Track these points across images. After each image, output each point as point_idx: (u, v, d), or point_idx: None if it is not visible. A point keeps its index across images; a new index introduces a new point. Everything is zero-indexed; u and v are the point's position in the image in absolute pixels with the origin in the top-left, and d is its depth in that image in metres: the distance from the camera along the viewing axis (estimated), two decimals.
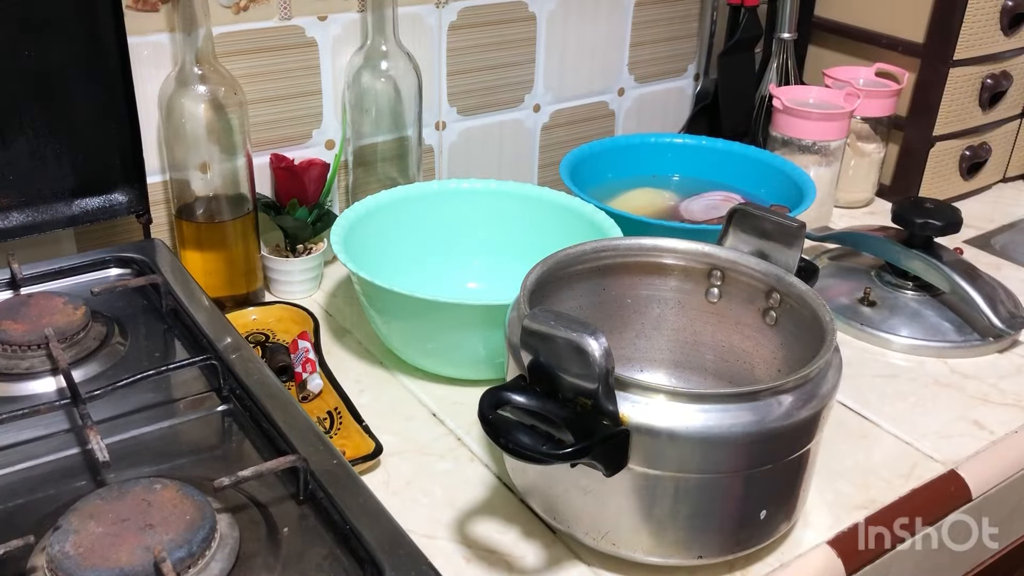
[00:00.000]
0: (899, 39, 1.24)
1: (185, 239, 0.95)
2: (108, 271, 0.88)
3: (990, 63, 1.24)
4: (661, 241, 0.79)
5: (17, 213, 0.89)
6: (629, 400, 0.60)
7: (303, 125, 1.05)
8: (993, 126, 1.31)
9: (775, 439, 0.63)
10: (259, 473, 0.60)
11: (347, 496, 0.60)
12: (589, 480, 0.63)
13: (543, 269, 0.74)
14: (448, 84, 1.14)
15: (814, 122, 1.15)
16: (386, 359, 0.91)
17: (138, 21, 0.91)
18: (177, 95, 0.89)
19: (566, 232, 0.92)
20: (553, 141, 1.26)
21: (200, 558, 0.54)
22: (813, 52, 1.35)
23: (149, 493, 0.58)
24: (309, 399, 0.84)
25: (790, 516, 0.70)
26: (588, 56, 1.24)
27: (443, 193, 1.01)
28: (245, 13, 0.97)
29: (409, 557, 0.55)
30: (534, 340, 0.61)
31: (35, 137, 0.87)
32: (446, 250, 1.01)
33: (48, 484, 0.64)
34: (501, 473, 0.76)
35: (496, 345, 0.81)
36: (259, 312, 0.96)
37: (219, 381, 0.72)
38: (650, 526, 0.65)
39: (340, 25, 1.03)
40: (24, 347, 0.74)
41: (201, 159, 0.92)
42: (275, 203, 1.02)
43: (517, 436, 0.59)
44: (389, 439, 0.78)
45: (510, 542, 0.70)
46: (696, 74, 1.37)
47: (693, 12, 1.32)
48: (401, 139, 1.05)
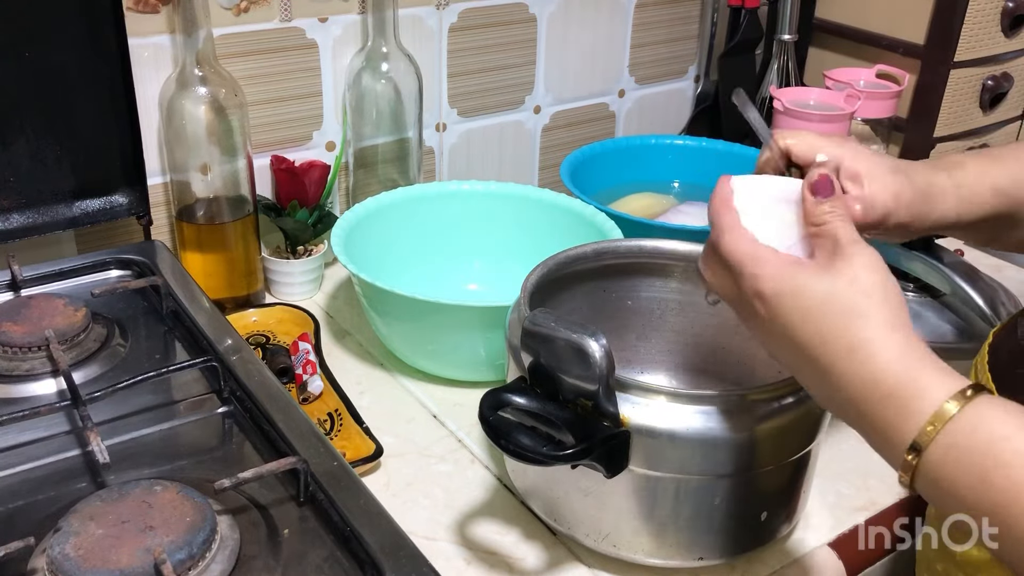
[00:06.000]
0: (900, 40, 1.24)
1: (185, 241, 0.95)
2: (108, 273, 0.88)
3: (991, 65, 1.24)
4: (662, 243, 0.79)
5: (18, 215, 0.89)
6: (630, 401, 0.60)
7: (304, 127, 1.05)
8: (994, 128, 1.30)
9: (775, 441, 0.63)
10: (259, 475, 0.60)
11: (348, 498, 0.60)
12: (590, 482, 0.63)
13: (543, 271, 0.74)
14: (448, 86, 1.14)
15: (815, 124, 1.15)
16: (387, 361, 0.91)
17: (139, 23, 0.91)
18: (178, 97, 0.90)
19: (566, 234, 0.92)
20: (553, 143, 1.26)
21: (200, 560, 0.54)
22: (814, 53, 1.35)
23: (149, 495, 0.58)
24: (309, 401, 0.84)
25: (791, 518, 0.69)
26: (589, 58, 1.24)
27: (444, 195, 1.01)
28: (246, 15, 0.97)
29: (410, 559, 0.55)
30: (535, 342, 0.61)
31: (36, 139, 0.87)
32: (447, 252, 1.01)
33: (48, 486, 0.64)
34: (502, 475, 0.76)
35: (496, 347, 0.81)
36: (259, 314, 0.96)
37: (219, 383, 0.72)
38: (651, 528, 0.64)
39: (341, 27, 1.03)
40: (24, 349, 0.74)
41: (201, 161, 0.92)
42: (276, 205, 1.02)
43: (518, 437, 0.59)
44: (389, 441, 0.78)
45: (510, 544, 0.70)
46: (697, 76, 1.37)
47: (694, 14, 1.32)
48: (402, 141, 1.05)
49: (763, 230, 0.55)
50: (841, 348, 0.49)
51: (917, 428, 0.46)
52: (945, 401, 0.46)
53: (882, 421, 0.48)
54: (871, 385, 0.48)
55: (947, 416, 0.45)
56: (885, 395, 0.47)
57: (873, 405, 0.48)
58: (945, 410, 0.45)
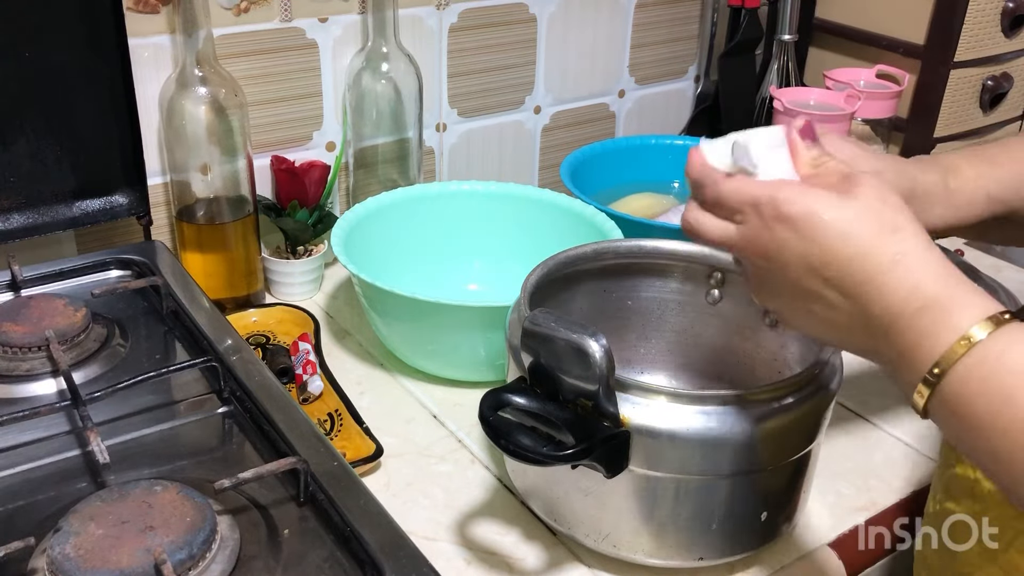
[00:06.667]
0: (900, 41, 1.24)
1: (186, 241, 0.95)
2: (109, 273, 0.88)
3: (991, 65, 1.24)
4: (662, 243, 0.79)
5: (18, 215, 0.89)
6: (630, 402, 0.60)
7: (304, 127, 1.05)
8: (994, 128, 1.30)
9: (776, 441, 0.63)
10: (259, 475, 0.60)
11: (348, 498, 0.60)
12: (590, 482, 0.63)
13: (543, 271, 0.74)
14: (449, 86, 1.14)
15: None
16: (387, 361, 0.91)
17: (139, 23, 0.91)
18: (178, 97, 0.90)
19: (567, 234, 0.92)
20: (554, 143, 1.26)
21: (200, 560, 0.54)
22: (814, 54, 1.35)
23: (149, 495, 0.58)
24: (309, 401, 0.84)
25: (791, 518, 0.69)
26: (589, 58, 1.24)
27: (444, 195, 1.01)
28: (246, 15, 0.97)
29: (410, 559, 0.55)
30: (535, 342, 0.61)
31: (36, 139, 0.87)
32: (447, 252, 1.01)
33: (48, 486, 0.64)
34: (502, 475, 0.76)
35: (497, 347, 0.81)
36: (260, 314, 0.96)
37: (220, 383, 0.72)
38: (651, 528, 0.64)
39: (341, 27, 1.03)
40: (25, 349, 0.74)
41: (202, 161, 0.92)
42: (276, 205, 1.02)
43: (518, 438, 0.59)
44: (390, 441, 0.78)
45: (511, 544, 0.70)
46: (697, 76, 1.37)
47: (694, 14, 1.32)
48: (402, 141, 1.05)
49: (760, 177, 0.53)
50: (884, 260, 0.48)
51: (948, 344, 0.46)
52: (979, 321, 0.45)
53: (913, 335, 0.47)
54: (912, 294, 0.47)
55: (978, 336, 0.45)
56: (922, 306, 0.47)
57: (907, 318, 0.47)
58: (978, 329, 0.45)
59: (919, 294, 0.47)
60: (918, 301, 0.47)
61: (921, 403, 0.47)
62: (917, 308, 0.47)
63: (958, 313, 0.46)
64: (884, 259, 0.48)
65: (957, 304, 0.46)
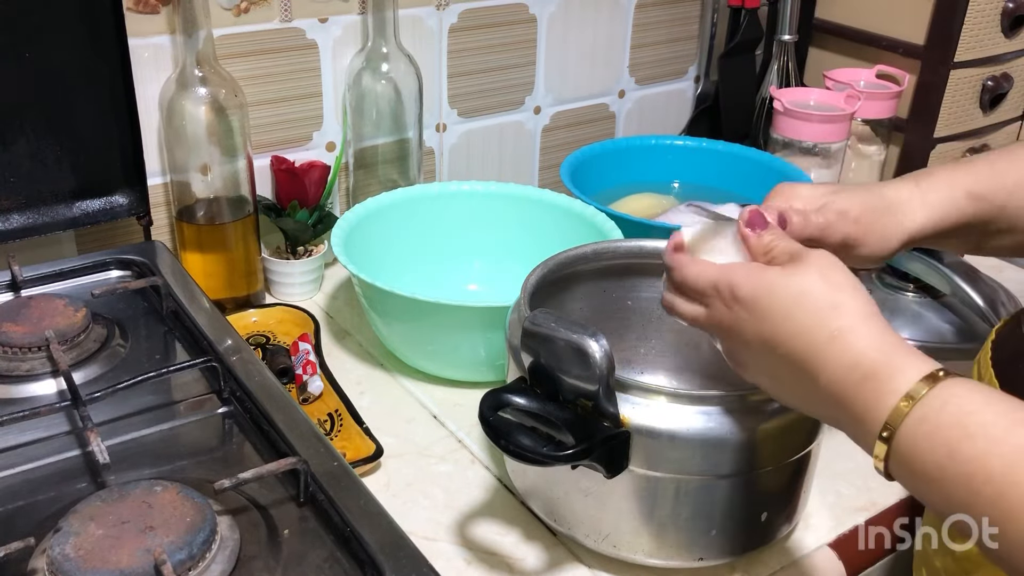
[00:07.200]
0: (900, 41, 1.24)
1: (186, 241, 0.95)
2: (109, 273, 0.88)
3: (991, 65, 1.24)
4: (662, 243, 0.78)
5: (18, 215, 0.89)
6: (630, 402, 0.60)
7: (304, 127, 1.05)
8: (994, 128, 1.30)
9: (776, 441, 0.63)
10: (259, 475, 0.60)
11: (348, 498, 0.60)
12: (590, 482, 0.63)
13: (543, 271, 0.74)
14: (449, 86, 1.14)
15: (815, 124, 1.15)
16: (387, 361, 0.91)
17: (139, 23, 0.91)
18: (178, 97, 0.90)
19: (567, 234, 0.92)
20: (554, 143, 1.26)
21: (200, 560, 0.54)
22: (814, 54, 1.35)
23: (149, 495, 0.58)
24: (309, 401, 0.84)
25: (791, 518, 0.69)
26: (589, 58, 1.24)
27: (444, 195, 1.01)
28: (246, 15, 0.97)
29: (410, 559, 0.55)
30: (535, 342, 0.61)
31: (36, 139, 0.87)
32: (447, 252, 1.01)
33: (48, 486, 0.64)
34: (502, 475, 0.76)
35: (497, 347, 0.81)
36: (259, 314, 0.96)
37: (219, 383, 0.72)
38: (651, 528, 0.64)
39: (341, 27, 1.03)
40: (24, 349, 0.74)
41: (202, 161, 0.92)
42: (276, 205, 1.02)
43: (518, 438, 0.59)
44: (389, 441, 0.78)
45: (511, 544, 0.70)
46: (697, 76, 1.37)
47: (694, 14, 1.32)
48: (402, 141, 1.05)
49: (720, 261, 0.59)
50: (822, 337, 0.51)
51: (891, 406, 0.48)
52: (918, 380, 0.48)
53: (861, 403, 0.49)
54: (851, 368, 0.50)
55: (919, 394, 0.47)
56: (863, 377, 0.49)
57: (852, 388, 0.50)
58: (917, 388, 0.47)
59: (860, 366, 0.50)
60: (859, 372, 0.50)
61: (881, 466, 0.49)
62: (859, 379, 0.50)
63: (898, 377, 0.48)
64: (823, 335, 0.51)
65: (896, 369, 0.49)
